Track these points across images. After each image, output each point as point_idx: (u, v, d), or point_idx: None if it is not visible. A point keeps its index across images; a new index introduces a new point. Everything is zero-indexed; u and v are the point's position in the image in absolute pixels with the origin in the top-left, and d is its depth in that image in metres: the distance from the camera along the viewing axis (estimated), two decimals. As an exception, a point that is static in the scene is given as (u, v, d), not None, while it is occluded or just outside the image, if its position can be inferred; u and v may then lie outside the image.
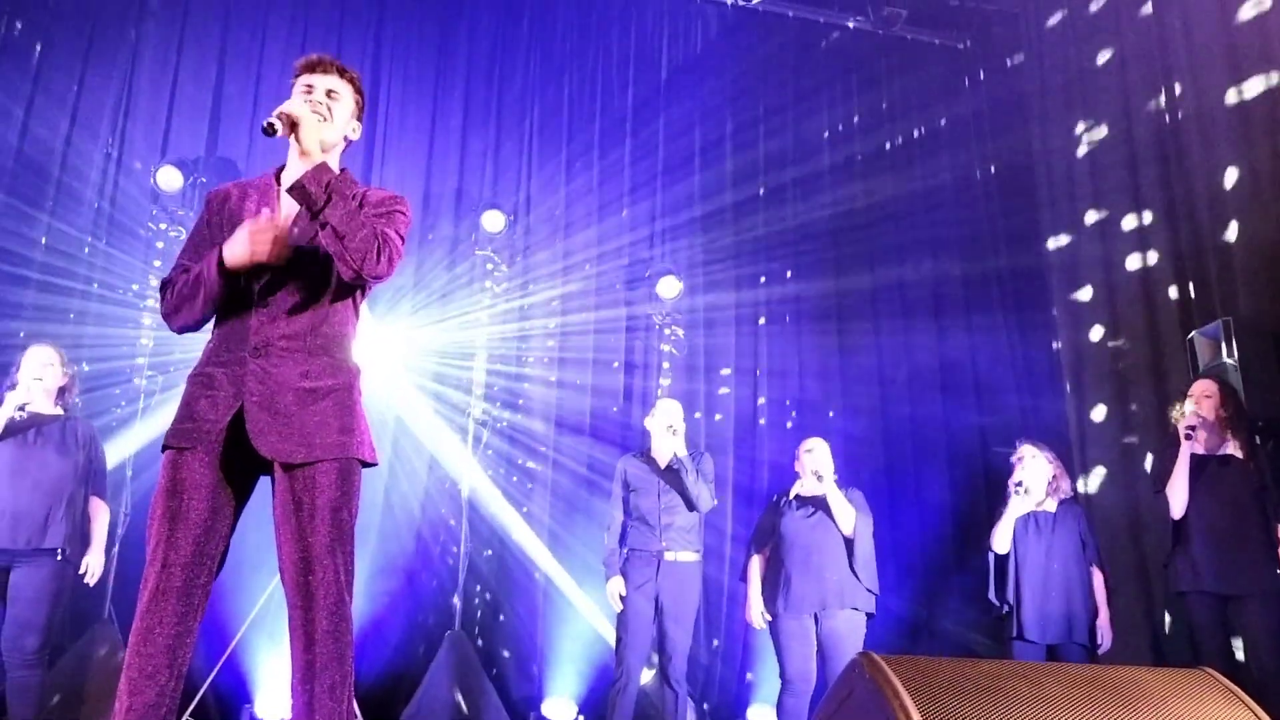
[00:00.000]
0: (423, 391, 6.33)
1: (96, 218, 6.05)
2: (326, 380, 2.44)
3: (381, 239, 2.44)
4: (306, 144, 2.41)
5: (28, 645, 4.06)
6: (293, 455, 2.35)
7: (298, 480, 2.35)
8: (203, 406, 2.40)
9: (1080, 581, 4.56)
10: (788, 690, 4.66)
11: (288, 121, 2.40)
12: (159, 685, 2.24)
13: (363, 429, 2.49)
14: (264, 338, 2.43)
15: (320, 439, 2.38)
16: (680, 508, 4.87)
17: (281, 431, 2.36)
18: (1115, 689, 2.18)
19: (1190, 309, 5.51)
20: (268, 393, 2.38)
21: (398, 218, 2.57)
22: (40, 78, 6.12)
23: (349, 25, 6.87)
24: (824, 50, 7.62)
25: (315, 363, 2.45)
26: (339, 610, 2.30)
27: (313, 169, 2.39)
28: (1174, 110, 5.76)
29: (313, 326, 2.48)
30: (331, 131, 2.56)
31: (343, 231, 2.37)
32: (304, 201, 2.39)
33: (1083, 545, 4.64)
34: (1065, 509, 4.71)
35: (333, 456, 2.38)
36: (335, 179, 2.42)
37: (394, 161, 6.70)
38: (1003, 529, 4.65)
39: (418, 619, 5.94)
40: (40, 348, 4.36)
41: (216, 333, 2.51)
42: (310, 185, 2.37)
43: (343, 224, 2.38)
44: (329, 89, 2.59)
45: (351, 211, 2.41)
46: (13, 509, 4.09)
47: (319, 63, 2.61)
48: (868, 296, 7.19)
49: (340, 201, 2.39)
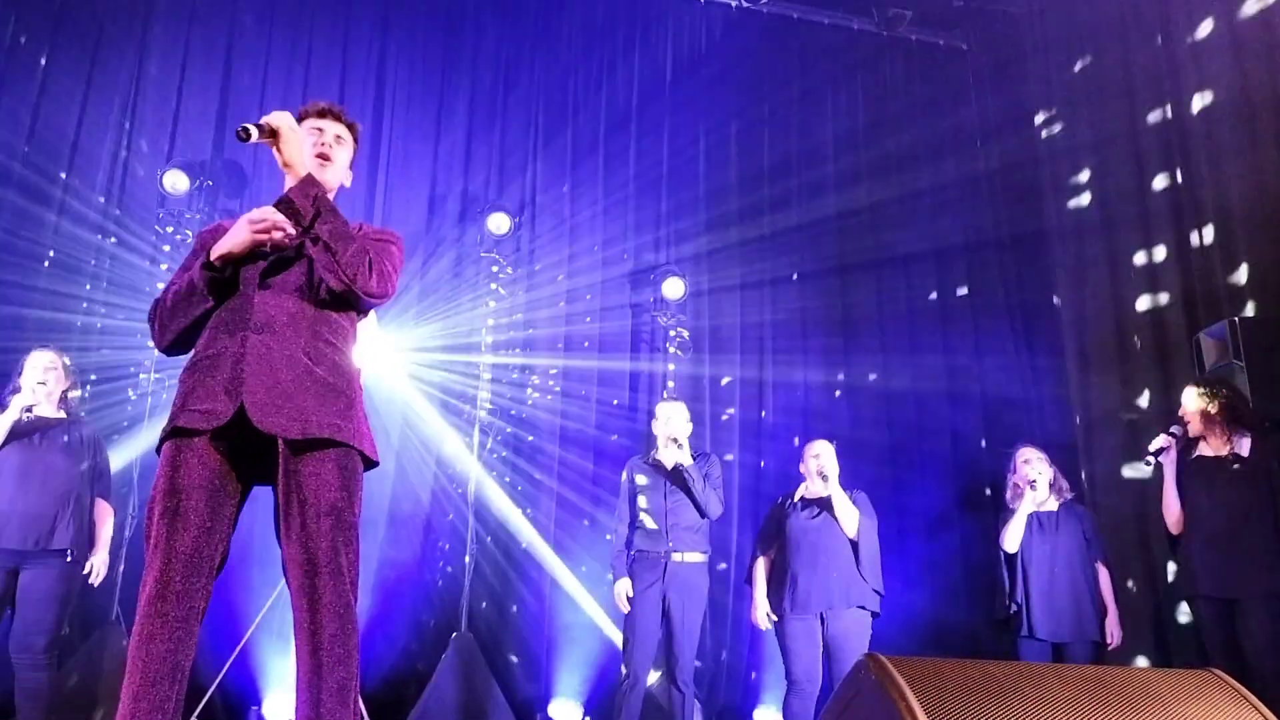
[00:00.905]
0: (428, 394, 6.34)
1: (103, 221, 6.07)
2: (328, 367, 2.45)
3: (374, 257, 2.47)
4: (287, 155, 2.45)
5: (36, 646, 4.09)
6: (288, 430, 2.33)
7: (300, 475, 2.33)
8: (201, 394, 2.38)
9: (1086, 579, 4.63)
10: (794, 691, 4.66)
11: (268, 130, 2.43)
12: (162, 689, 2.23)
13: (361, 420, 2.49)
14: (267, 315, 2.44)
15: (318, 418, 2.37)
16: (687, 509, 4.88)
17: (280, 406, 2.35)
18: (1122, 691, 2.17)
19: (1197, 309, 5.49)
20: (269, 369, 2.38)
21: (391, 249, 2.61)
22: (48, 82, 6.14)
23: (355, 29, 6.88)
24: (828, 52, 7.61)
25: (317, 343, 2.46)
26: (344, 611, 2.29)
27: (300, 183, 2.42)
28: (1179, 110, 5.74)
29: (315, 309, 2.49)
30: (333, 174, 2.65)
31: (334, 245, 2.41)
32: (292, 215, 2.41)
33: (1087, 543, 4.70)
34: (1067, 508, 4.80)
35: (329, 436, 2.36)
36: (323, 193, 2.45)
37: (399, 164, 6.72)
38: (1014, 529, 4.68)
39: (424, 621, 5.95)
40: (42, 352, 4.39)
41: (215, 319, 2.49)
42: (297, 198, 2.40)
43: (333, 237, 2.41)
44: (337, 134, 2.69)
45: (342, 223, 2.45)
46: (21, 511, 4.12)
47: (328, 110, 2.71)
48: (873, 298, 7.18)
49: (330, 215, 2.42)
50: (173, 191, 5.95)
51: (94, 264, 5.98)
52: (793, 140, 7.42)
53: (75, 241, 5.95)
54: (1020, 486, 4.81)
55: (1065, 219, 6.64)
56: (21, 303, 5.68)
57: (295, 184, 2.43)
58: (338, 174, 2.69)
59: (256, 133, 2.40)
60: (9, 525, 4.09)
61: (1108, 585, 4.69)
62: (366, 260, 2.44)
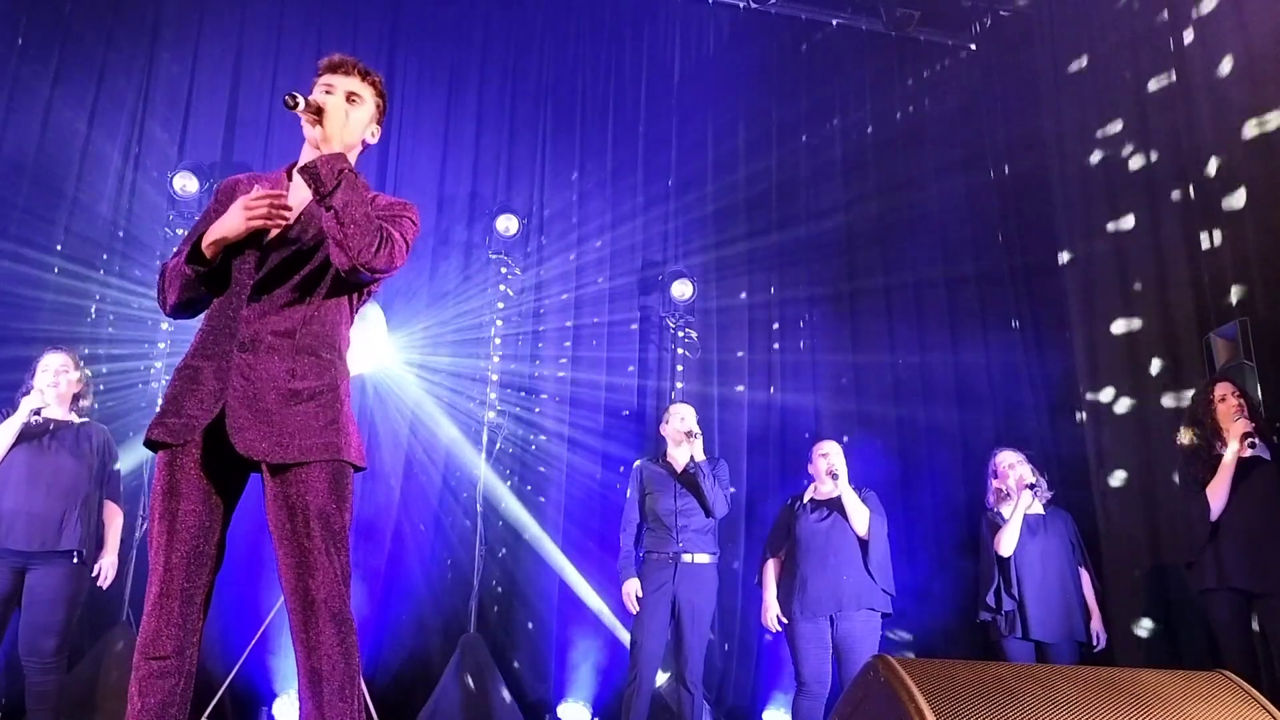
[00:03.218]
0: (437, 395, 6.35)
1: (113, 222, 6.10)
2: (312, 381, 2.39)
3: (385, 234, 2.40)
4: (330, 132, 2.38)
5: (45, 648, 4.09)
6: (269, 455, 2.30)
7: (287, 485, 2.31)
8: (188, 402, 2.36)
9: (1074, 581, 4.74)
10: (803, 692, 4.66)
11: (314, 107, 2.39)
12: (168, 686, 2.25)
13: (349, 432, 2.43)
14: (253, 332, 2.38)
15: (300, 440, 2.33)
16: (696, 510, 4.89)
17: (261, 430, 2.32)
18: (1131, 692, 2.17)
19: (1207, 308, 5.47)
20: (251, 390, 2.34)
21: (405, 222, 2.53)
22: (58, 83, 6.17)
23: (364, 30, 6.90)
24: (837, 52, 7.61)
25: (302, 361, 2.40)
26: (340, 613, 2.28)
27: (329, 154, 2.36)
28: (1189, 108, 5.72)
29: (303, 323, 2.43)
30: (347, 135, 2.50)
31: (345, 217, 2.32)
32: (314, 183, 2.34)
33: (1072, 547, 4.82)
34: (1053, 512, 4.91)
35: (313, 459, 2.33)
36: (350, 169, 2.38)
37: (408, 166, 6.74)
38: (1010, 532, 4.71)
39: (433, 622, 5.95)
40: (54, 354, 4.40)
41: (205, 325, 2.46)
42: (323, 169, 2.33)
43: (347, 210, 2.33)
44: (350, 91, 2.54)
45: (359, 200, 2.36)
46: (28, 511, 4.12)
47: (341, 64, 2.56)
48: (881, 299, 7.17)
49: (349, 189, 2.35)
50: (182, 194, 5.96)
51: (104, 266, 6.00)
52: (801, 141, 7.41)
53: (86, 243, 5.99)
54: (1004, 490, 4.86)
55: (1074, 218, 6.62)
56: (32, 306, 5.71)
57: (326, 155, 2.36)
58: (354, 132, 2.56)
59: (303, 103, 2.35)
60: (16, 526, 4.09)
61: (1089, 587, 4.81)
62: (378, 238, 2.37)
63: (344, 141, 2.45)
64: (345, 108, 2.48)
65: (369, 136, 2.65)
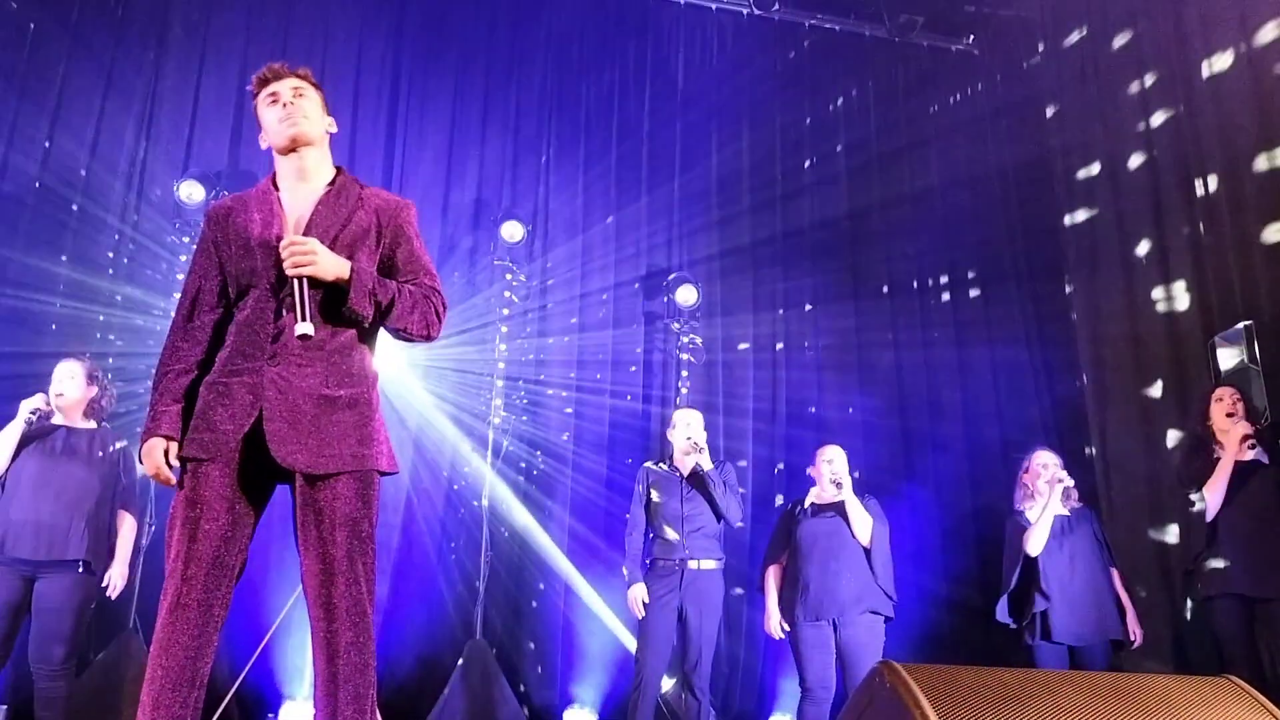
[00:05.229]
0: (443, 400, 6.36)
1: (120, 231, 6.10)
2: (346, 389, 2.42)
3: (430, 302, 2.54)
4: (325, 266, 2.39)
5: (54, 656, 4.09)
6: (312, 466, 2.33)
7: (318, 491, 2.34)
8: (220, 416, 2.37)
9: (1104, 581, 4.63)
10: (808, 698, 4.64)
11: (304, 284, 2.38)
12: (181, 695, 2.25)
13: (382, 439, 2.47)
14: (282, 346, 2.40)
15: (340, 450, 2.36)
16: (702, 515, 4.87)
17: (303, 441, 2.34)
18: (1137, 698, 2.17)
19: (1212, 310, 5.46)
20: (288, 402, 2.36)
21: (435, 297, 2.58)
22: (65, 90, 6.17)
23: (369, 38, 6.92)
24: (840, 58, 7.62)
25: (334, 370, 2.42)
26: (361, 621, 2.30)
27: (353, 292, 2.40)
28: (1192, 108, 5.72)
29: (332, 333, 2.45)
30: (313, 126, 2.58)
31: (404, 324, 2.49)
32: (354, 320, 2.45)
33: (1099, 546, 4.70)
34: (1078, 512, 4.80)
35: (347, 469, 2.36)
36: (376, 283, 2.45)
37: (413, 172, 6.75)
38: (1040, 532, 4.62)
39: (439, 628, 5.96)
40: (66, 362, 4.40)
41: (233, 339, 2.46)
42: (357, 305, 2.41)
43: (401, 319, 2.48)
44: (294, 88, 2.59)
45: (400, 302, 2.48)
46: (35, 520, 4.10)
47: (273, 72, 2.61)
48: (885, 301, 7.19)
49: (387, 301, 2.45)
50: (188, 202, 5.97)
51: (111, 273, 6.01)
52: (805, 145, 7.43)
53: (92, 248, 5.99)
54: (1032, 488, 4.79)
55: (1077, 219, 6.62)
56: (40, 313, 5.72)
57: (351, 294, 2.40)
58: (316, 125, 2.61)
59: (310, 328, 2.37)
60: (24, 535, 4.08)
61: (1121, 586, 4.71)
62: (433, 311, 2.54)
63: (311, 137, 2.57)
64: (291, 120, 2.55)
65: (329, 126, 2.69)
